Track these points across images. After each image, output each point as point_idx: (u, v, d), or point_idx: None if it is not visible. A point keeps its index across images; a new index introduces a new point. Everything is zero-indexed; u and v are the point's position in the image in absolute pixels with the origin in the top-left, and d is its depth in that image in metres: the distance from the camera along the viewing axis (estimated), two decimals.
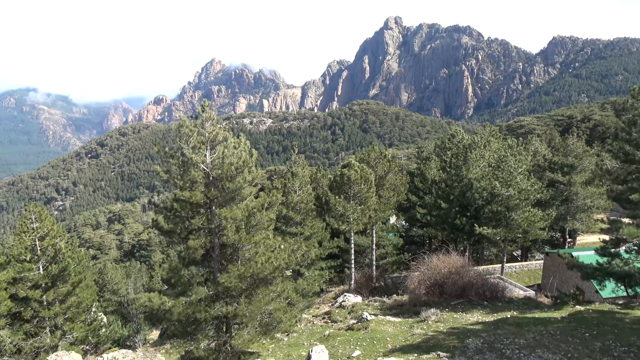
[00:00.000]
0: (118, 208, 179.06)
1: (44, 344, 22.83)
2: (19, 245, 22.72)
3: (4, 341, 22.08)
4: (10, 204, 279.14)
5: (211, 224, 15.14)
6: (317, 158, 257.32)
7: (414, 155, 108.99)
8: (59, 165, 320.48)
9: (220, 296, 15.35)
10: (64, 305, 23.47)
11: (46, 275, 22.80)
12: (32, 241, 22.62)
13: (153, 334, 29.16)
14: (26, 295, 22.39)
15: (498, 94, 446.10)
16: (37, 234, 22.68)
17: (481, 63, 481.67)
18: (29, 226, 22.64)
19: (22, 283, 22.45)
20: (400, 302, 24.51)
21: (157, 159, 16.00)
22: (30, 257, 22.54)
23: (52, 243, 23.01)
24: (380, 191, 32.05)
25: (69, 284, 23.66)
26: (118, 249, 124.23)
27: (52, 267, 22.84)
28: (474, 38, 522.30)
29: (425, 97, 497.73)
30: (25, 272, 22.28)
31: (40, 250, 22.76)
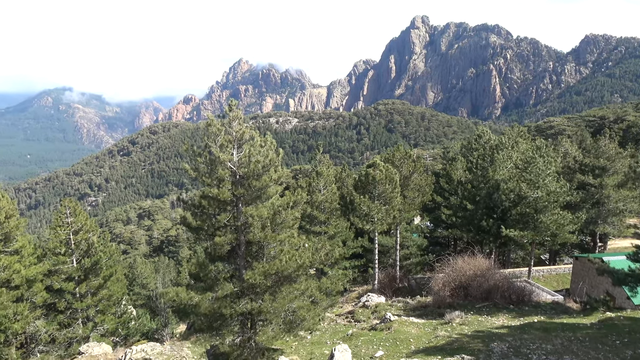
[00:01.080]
0: (148, 204, 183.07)
1: (76, 334, 23.68)
2: (54, 238, 23.65)
3: (40, 331, 23.02)
4: (47, 198, 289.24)
5: (237, 221, 15.41)
6: (341, 157, 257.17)
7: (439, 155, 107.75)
8: (92, 162, 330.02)
9: (245, 292, 15.61)
10: (95, 298, 24.29)
11: (79, 268, 23.65)
12: (66, 235, 23.50)
13: (180, 327, 29.84)
14: (60, 287, 23.28)
15: (527, 93, 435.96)
16: (71, 228, 23.55)
17: (510, 62, 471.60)
18: (64, 220, 23.53)
19: (57, 275, 23.36)
20: (424, 304, 24.38)
21: (186, 157, 16.36)
22: (65, 250, 23.42)
23: (85, 237, 23.85)
24: (405, 191, 31.91)
25: (101, 277, 24.47)
26: (147, 244, 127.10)
27: (85, 261, 23.67)
28: (503, 37, 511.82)
29: (452, 96, 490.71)
30: (59, 265, 23.18)
31: (74, 244, 23.63)
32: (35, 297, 23.07)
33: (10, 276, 21.84)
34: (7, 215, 23.38)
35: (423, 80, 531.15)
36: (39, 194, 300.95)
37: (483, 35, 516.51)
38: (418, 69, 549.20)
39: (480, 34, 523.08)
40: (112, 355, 22.61)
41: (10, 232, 23.49)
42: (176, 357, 19.82)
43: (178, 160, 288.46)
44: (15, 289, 22.11)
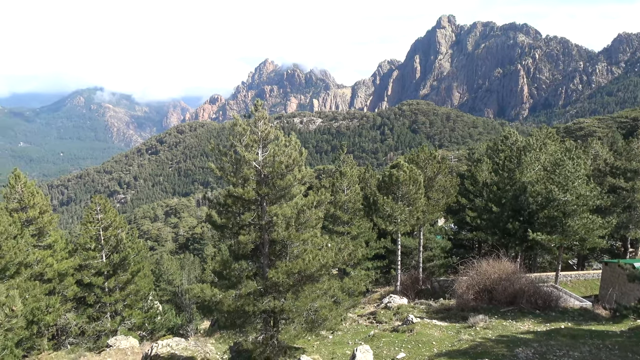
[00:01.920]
0: (174, 202, 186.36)
1: (105, 328, 24.37)
2: (85, 234, 24.42)
3: (70, 323, 23.79)
4: (78, 195, 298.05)
5: (261, 220, 15.60)
6: (365, 158, 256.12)
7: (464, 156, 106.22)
8: (121, 161, 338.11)
9: (268, 291, 15.80)
10: (123, 293, 24.96)
11: (108, 264, 24.35)
12: (96, 231, 24.24)
13: (204, 324, 30.32)
14: (90, 282, 24.02)
15: (556, 94, 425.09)
16: (101, 224, 24.27)
17: (538, 62, 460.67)
18: (94, 217, 24.27)
19: (87, 270, 24.11)
20: (447, 306, 24.14)
21: (212, 156, 16.64)
22: (95, 245, 24.15)
23: (114, 233, 24.54)
24: (429, 193, 31.64)
25: (129, 273, 25.12)
26: (173, 242, 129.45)
27: (114, 256, 24.35)
28: (531, 36, 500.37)
29: (478, 97, 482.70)
30: (89, 260, 23.92)
31: (103, 239, 24.34)
32: (67, 291, 23.87)
33: (43, 269, 22.67)
34: (41, 211, 24.28)
35: (448, 81, 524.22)
36: (71, 191, 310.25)
37: (511, 35, 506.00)
38: (443, 69, 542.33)
39: (508, 33, 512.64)
40: (138, 349, 23.18)
41: (44, 227, 24.38)
42: (200, 353, 20.19)
43: (204, 159, 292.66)
44: (47, 282, 22.93)
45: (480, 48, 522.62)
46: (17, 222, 22.44)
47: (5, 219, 21.22)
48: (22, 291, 19.55)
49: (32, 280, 21.74)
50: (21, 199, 23.99)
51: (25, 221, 23.73)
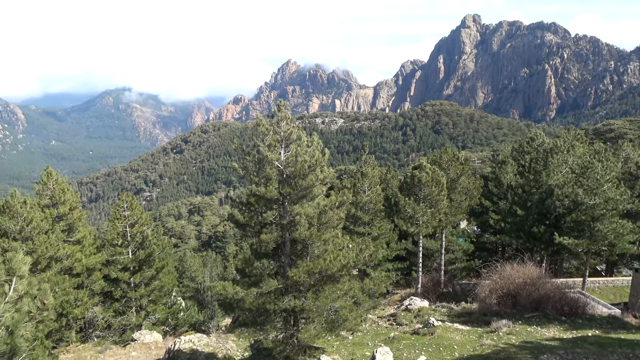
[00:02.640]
0: (198, 201, 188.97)
1: (130, 322, 24.97)
2: (112, 230, 25.09)
3: (97, 317, 24.46)
4: (106, 192, 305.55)
5: (283, 219, 15.74)
6: (387, 159, 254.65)
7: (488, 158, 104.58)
8: (147, 159, 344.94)
9: (289, 290, 15.92)
10: (148, 288, 25.53)
11: (134, 260, 24.95)
12: (123, 227, 24.87)
13: (225, 321, 30.72)
14: (117, 277, 24.65)
15: (585, 95, 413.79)
16: (128, 221, 24.89)
17: (566, 62, 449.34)
18: (122, 214, 24.91)
19: (114, 265, 24.75)
20: (469, 310, 23.85)
21: (235, 155, 16.85)
22: (122, 242, 24.78)
23: (140, 230, 25.13)
24: (451, 194, 31.30)
25: (154, 269, 25.68)
26: (197, 239, 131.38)
27: (140, 253, 24.94)
28: (560, 35, 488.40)
29: (503, 98, 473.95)
30: (116, 256, 24.56)
31: (130, 236, 24.96)
32: (94, 285, 24.56)
33: (72, 264, 23.36)
34: (71, 207, 25.02)
35: (473, 81, 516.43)
36: (99, 188, 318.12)
37: (538, 34, 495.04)
38: (468, 69, 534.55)
39: (535, 32, 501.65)
40: (162, 344, 23.67)
41: (74, 223, 25.13)
42: (221, 349, 20.47)
43: (227, 158, 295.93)
44: (76, 277, 23.64)
45: (506, 47, 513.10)
46: (49, 218, 23.20)
47: (38, 214, 21.97)
48: (52, 285, 20.18)
49: (62, 274, 22.45)
50: (53, 196, 24.79)
51: (56, 217, 24.51)
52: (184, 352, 19.59)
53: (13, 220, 20.84)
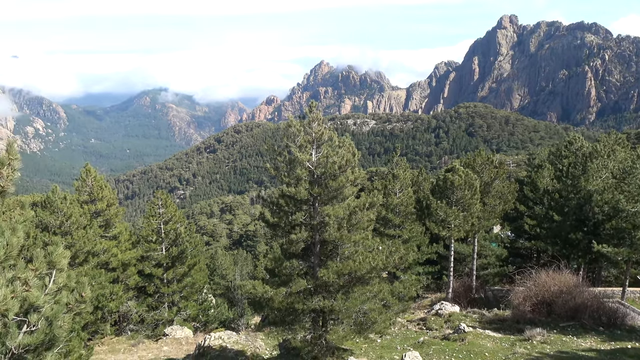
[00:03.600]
0: (230, 200, 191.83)
1: (162, 317, 25.57)
2: (147, 227, 25.78)
3: (131, 311, 25.17)
4: (142, 190, 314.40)
5: (313, 220, 15.77)
6: (418, 161, 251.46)
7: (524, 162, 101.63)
8: (182, 158, 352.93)
9: (318, 290, 15.94)
10: (180, 284, 26.08)
11: (167, 256, 25.54)
12: (157, 224, 25.52)
13: (255, 319, 31.02)
14: (150, 272, 25.30)
15: (627, 97, 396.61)
16: (162, 218, 25.53)
17: (608, 63, 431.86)
18: (156, 211, 25.57)
19: (148, 261, 25.42)
20: (501, 317, 23.26)
21: (266, 156, 17.01)
22: (156, 238, 25.43)
23: (174, 227, 25.72)
24: (485, 198, 30.62)
25: (186, 266, 26.23)
26: (228, 238, 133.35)
27: (173, 249, 25.52)
28: (601, 36, 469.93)
29: (540, 100, 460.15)
30: (151, 252, 25.21)
31: (164, 233, 25.58)
32: (129, 280, 25.29)
33: (108, 259, 24.13)
34: (108, 203, 25.86)
35: (508, 83, 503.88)
36: (135, 186, 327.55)
37: (578, 35, 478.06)
38: (503, 71, 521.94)
39: (575, 33, 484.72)
40: (192, 340, 24.13)
41: (111, 219, 25.96)
42: (250, 348, 20.69)
43: (259, 158, 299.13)
44: (112, 271, 24.39)
45: (544, 49, 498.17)
46: (87, 214, 24.05)
47: (77, 210, 22.81)
48: (89, 278, 20.88)
49: (99, 268, 23.21)
50: (91, 192, 25.68)
51: (94, 213, 25.38)
52: (213, 349, 19.90)
53: (54, 215, 21.72)
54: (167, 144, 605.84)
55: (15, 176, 5.90)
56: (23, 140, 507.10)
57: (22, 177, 5.99)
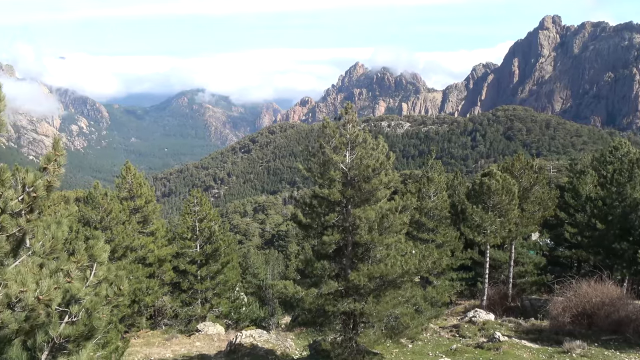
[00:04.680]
0: (262, 199, 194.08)
1: (195, 313, 26.08)
2: (183, 224, 26.38)
3: (166, 306, 25.81)
4: (178, 188, 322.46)
5: (345, 222, 15.72)
6: (454, 164, 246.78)
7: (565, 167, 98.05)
8: (217, 158, 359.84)
9: (349, 292, 15.87)
10: (213, 282, 26.54)
11: (201, 253, 26.04)
12: (193, 222, 26.06)
13: (285, 319, 31.17)
14: (185, 269, 25.86)
15: None
16: (197, 216, 26.05)
17: None
18: (192, 209, 26.12)
19: (183, 258, 25.99)
20: (538, 327, 22.50)
21: (300, 156, 17.12)
22: (191, 236, 25.97)
23: (208, 226, 26.21)
24: (523, 204, 29.68)
25: (219, 263, 26.66)
26: (260, 237, 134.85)
27: (207, 247, 26.00)
28: None
29: (584, 103, 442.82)
30: (185, 249, 25.77)
31: (198, 230, 26.10)
32: (164, 275, 25.94)
33: (145, 254, 24.83)
34: (146, 200, 26.62)
35: (550, 85, 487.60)
36: (172, 184, 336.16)
37: (626, 36, 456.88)
38: (545, 73, 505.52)
39: (622, 33, 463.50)
40: (224, 337, 24.50)
41: (148, 216, 26.71)
42: (280, 347, 20.80)
43: (292, 159, 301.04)
44: (148, 266, 25.08)
45: (588, 50, 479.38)
46: (126, 210, 24.83)
47: (117, 206, 23.60)
48: (127, 272, 21.54)
49: (136, 263, 23.91)
50: (130, 189, 26.51)
51: (132, 209, 26.17)
52: (244, 346, 20.13)
53: (95, 210, 22.55)
54: (203, 144, 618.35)
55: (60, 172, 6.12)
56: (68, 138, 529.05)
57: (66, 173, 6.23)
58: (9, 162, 6.85)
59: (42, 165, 5.99)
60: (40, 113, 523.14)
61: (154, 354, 21.90)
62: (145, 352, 22.09)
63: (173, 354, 22.05)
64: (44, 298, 5.56)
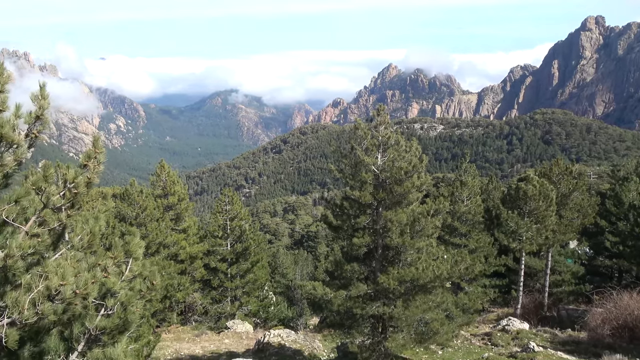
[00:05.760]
0: (293, 200, 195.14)
1: (225, 310, 26.44)
2: (214, 223, 26.80)
3: (196, 302, 26.25)
4: (210, 187, 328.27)
5: (376, 224, 15.57)
6: (488, 168, 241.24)
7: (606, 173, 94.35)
8: (249, 158, 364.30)
9: (378, 296, 15.71)
10: (243, 280, 26.83)
11: (232, 252, 26.38)
12: (224, 221, 26.43)
13: (313, 319, 31.18)
14: (215, 267, 26.26)
15: None
16: (228, 215, 26.41)
17: None
18: (223, 208, 26.51)
19: (214, 255, 26.40)
20: (576, 339, 21.65)
21: (331, 157, 17.11)
22: (222, 234, 26.35)
23: (239, 224, 26.54)
24: (561, 211, 28.68)
25: (249, 262, 26.94)
26: (289, 237, 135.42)
27: (237, 245, 26.32)
28: None
29: (628, 107, 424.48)
30: (216, 247, 26.17)
31: (229, 229, 26.45)
32: (195, 272, 26.40)
33: (177, 251, 25.34)
34: (179, 198, 27.18)
35: (591, 88, 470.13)
36: (204, 183, 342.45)
37: None
38: (586, 75, 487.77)
39: None
40: (252, 335, 24.72)
41: (181, 213, 27.26)
42: (308, 348, 20.80)
43: (323, 160, 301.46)
44: (180, 263, 25.58)
45: (633, 52, 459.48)
46: (160, 207, 25.42)
47: (151, 203, 24.18)
48: (160, 268, 22.05)
49: (168, 259, 24.44)
50: (164, 187, 27.14)
51: (166, 206, 26.77)
52: (272, 345, 20.23)
53: (131, 207, 23.18)
54: (235, 144, 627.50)
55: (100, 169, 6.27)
56: (106, 136, 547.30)
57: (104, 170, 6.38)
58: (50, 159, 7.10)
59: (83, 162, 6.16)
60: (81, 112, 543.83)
61: (184, 349, 22.30)
62: (176, 347, 22.51)
63: (202, 350, 22.38)
64: (81, 291, 5.71)
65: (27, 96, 5.87)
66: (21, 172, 6.14)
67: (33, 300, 5.41)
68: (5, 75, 5.62)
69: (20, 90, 7.01)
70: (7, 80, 5.68)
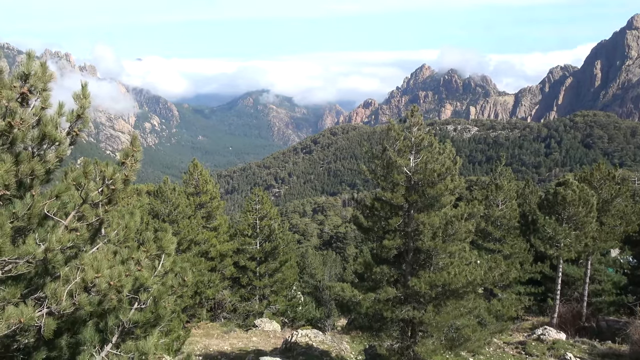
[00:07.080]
0: (322, 200, 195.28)
1: (253, 309, 26.65)
2: (244, 221, 27.07)
3: (225, 299, 26.57)
4: (240, 186, 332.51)
5: (408, 227, 15.31)
6: (525, 172, 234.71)
7: None
8: (279, 158, 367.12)
9: (408, 300, 15.44)
10: (271, 279, 26.99)
11: (261, 251, 26.58)
12: (254, 220, 26.66)
13: (341, 321, 31.05)
14: (245, 265, 26.51)
15: None
16: (258, 214, 26.63)
17: None
18: (253, 207, 26.74)
19: (243, 254, 26.66)
20: (616, 351, 20.73)
21: (362, 158, 16.98)
22: (251, 233, 26.59)
23: (268, 224, 26.71)
24: (602, 217, 27.52)
25: (277, 261, 27.07)
26: (318, 238, 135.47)
27: (266, 245, 26.50)
28: None
29: None
30: (246, 245, 26.42)
31: (259, 228, 26.66)
32: (225, 270, 26.73)
33: (208, 249, 25.72)
34: (211, 196, 27.59)
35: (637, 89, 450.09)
36: (235, 182, 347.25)
37: None
38: (632, 76, 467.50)
39: None
40: (280, 334, 24.80)
41: (212, 211, 27.66)
42: (335, 349, 20.69)
43: (353, 161, 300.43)
44: (210, 260, 25.95)
45: None
46: (192, 205, 25.87)
47: (184, 201, 24.64)
48: (191, 265, 22.41)
49: (199, 256, 24.83)
50: (197, 185, 27.60)
51: (198, 204, 27.22)
52: (299, 345, 20.23)
53: (164, 204, 23.68)
54: (266, 143, 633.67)
55: (137, 167, 6.39)
56: (141, 135, 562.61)
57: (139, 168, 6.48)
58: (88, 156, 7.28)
59: (121, 160, 6.29)
60: (118, 111, 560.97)
61: (213, 346, 22.59)
62: (205, 343, 22.84)
63: (231, 347, 22.62)
64: (115, 283, 5.81)
65: (68, 95, 6.04)
66: (61, 169, 6.31)
67: (70, 291, 5.55)
68: (48, 75, 5.78)
69: (61, 89, 7.23)
70: (50, 79, 5.85)
